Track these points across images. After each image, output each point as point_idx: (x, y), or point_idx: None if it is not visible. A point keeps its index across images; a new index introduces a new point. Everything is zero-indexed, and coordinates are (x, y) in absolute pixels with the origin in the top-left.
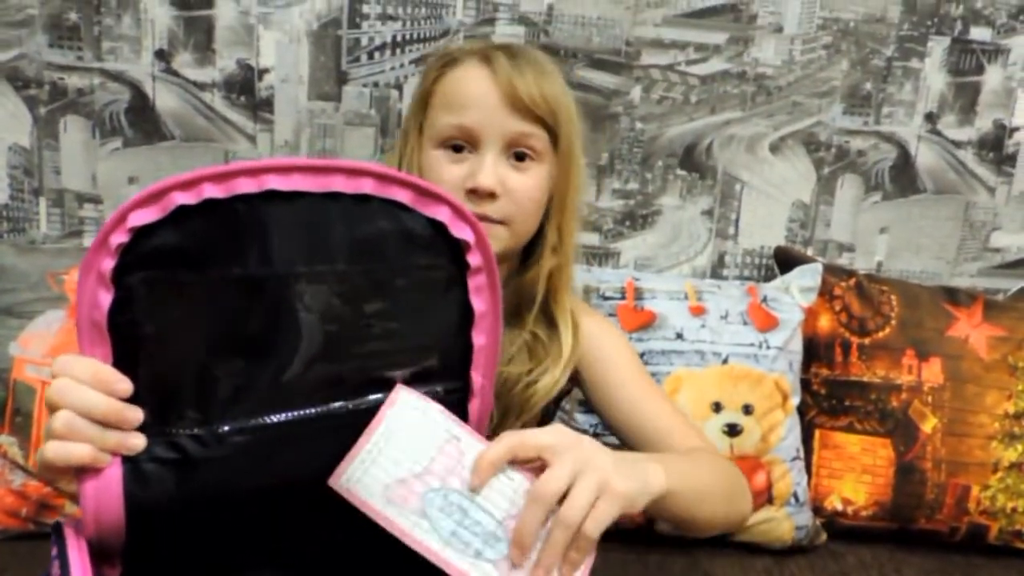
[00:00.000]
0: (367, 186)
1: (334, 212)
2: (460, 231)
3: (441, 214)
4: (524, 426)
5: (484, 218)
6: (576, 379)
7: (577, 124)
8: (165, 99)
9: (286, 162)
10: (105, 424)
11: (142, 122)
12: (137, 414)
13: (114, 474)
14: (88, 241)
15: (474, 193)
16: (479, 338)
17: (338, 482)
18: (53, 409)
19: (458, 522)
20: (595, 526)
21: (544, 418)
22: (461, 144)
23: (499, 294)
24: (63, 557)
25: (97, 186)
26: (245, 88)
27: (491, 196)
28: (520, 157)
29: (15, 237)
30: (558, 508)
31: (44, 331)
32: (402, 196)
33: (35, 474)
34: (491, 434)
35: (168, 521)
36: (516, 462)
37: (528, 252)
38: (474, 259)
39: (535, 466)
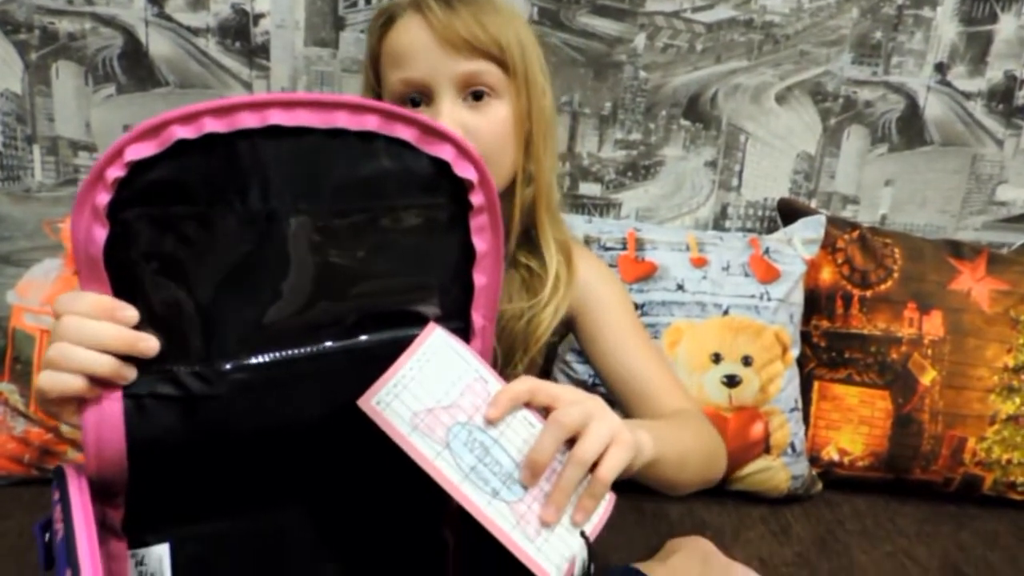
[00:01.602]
0: (371, 123)
1: (337, 149)
2: (464, 170)
3: (445, 153)
4: (529, 366)
5: None
6: (572, 325)
7: (533, 49)
8: (158, 45)
9: (290, 96)
10: (118, 356)
11: (135, 68)
12: (152, 342)
13: (115, 408)
14: None
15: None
16: (480, 278)
17: (368, 403)
18: None
19: (479, 458)
20: (607, 470)
21: (546, 365)
22: (417, 98)
23: (501, 234)
24: (64, 497)
25: (91, 134)
26: (240, 34)
27: None
28: (477, 96)
29: (10, 185)
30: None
31: (41, 279)
32: (406, 134)
33: (36, 420)
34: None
35: (170, 458)
36: (531, 407)
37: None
38: (477, 198)
39: None
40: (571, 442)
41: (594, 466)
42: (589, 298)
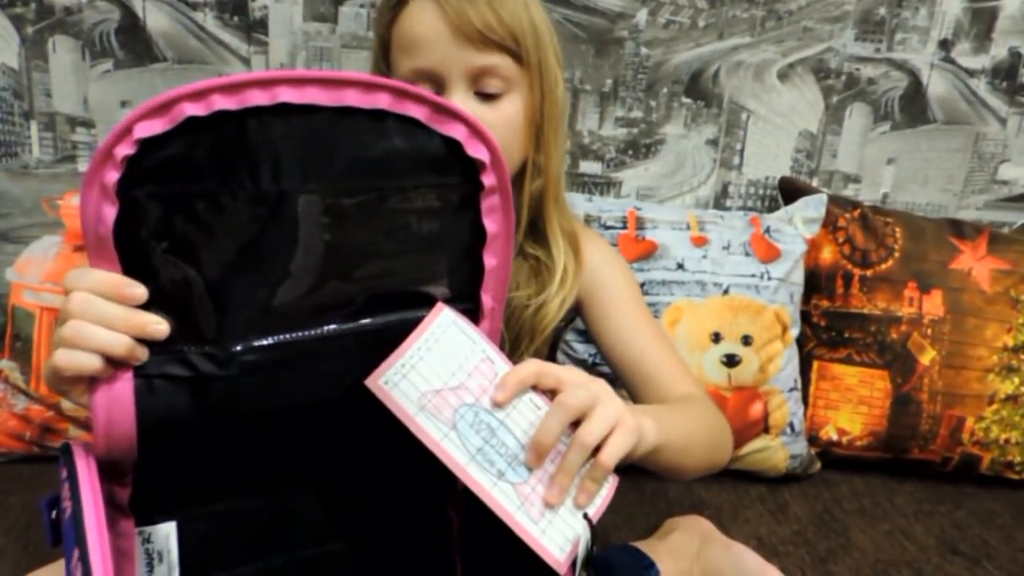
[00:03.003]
0: (382, 101)
1: (347, 127)
2: (475, 150)
3: (457, 132)
4: (536, 354)
5: None
6: (579, 309)
7: (548, 37)
8: (156, 19)
9: (299, 73)
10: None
11: (133, 43)
12: (162, 326)
13: (126, 388)
14: (82, 166)
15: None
16: (490, 259)
17: (376, 382)
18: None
19: (485, 439)
20: (610, 454)
21: (551, 349)
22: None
23: (512, 216)
24: (72, 475)
25: (89, 109)
26: (238, 8)
27: None
28: (489, 95)
29: (7, 162)
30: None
31: (40, 256)
32: (417, 113)
33: (37, 397)
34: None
35: (179, 438)
36: (537, 390)
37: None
38: (488, 179)
39: None
40: (576, 425)
41: (597, 449)
42: (596, 283)
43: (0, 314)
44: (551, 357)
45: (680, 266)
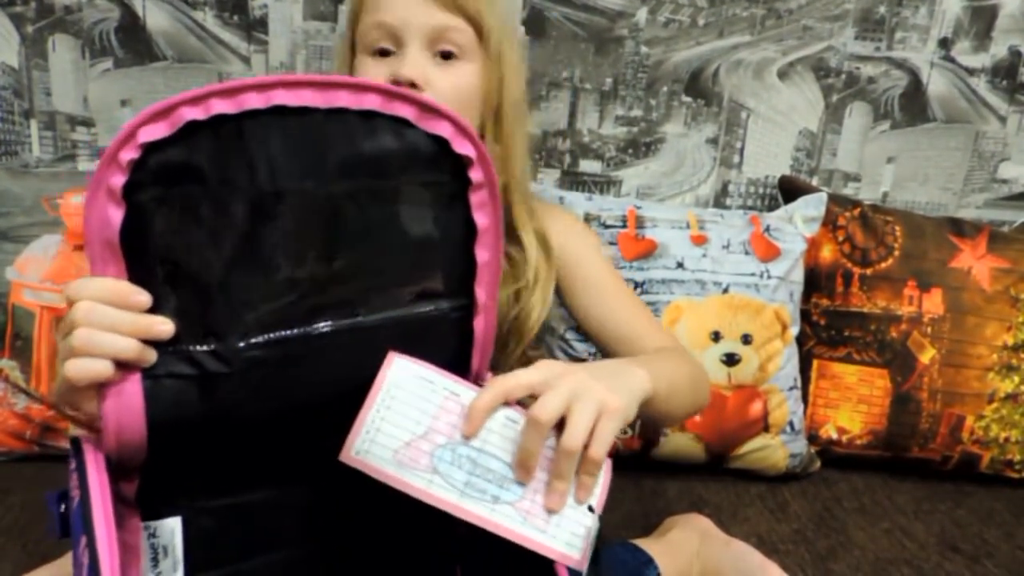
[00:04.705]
0: (372, 102)
1: (339, 128)
2: (462, 147)
3: (443, 130)
4: (525, 351)
5: None
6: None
7: (511, 25)
8: (156, 18)
9: (294, 77)
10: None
11: (133, 42)
12: (167, 326)
13: (134, 391)
14: (82, 165)
15: (395, 85)
16: (482, 254)
17: (349, 455)
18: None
19: (470, 472)
20: (599, 446)
21: (538, 339)
22: (388, 49)
23: (500, 210)
24: (81, 466)
25: (89, 108)
26: (238, 7)
27: (412, 87)
28: (446, 56)
29: (8, 160)
30: (559, 437)
31: (40, 255)
32: (406, 112)
33: (37, 396)
34: (494, 362)
35: (186, 435)
36: (512, 404)
37: None
38: (476, 175)
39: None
40: (560, 424)
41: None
42: (565, 257)
43: (0, 313)
44: (540, 344)
45: (680, 265)
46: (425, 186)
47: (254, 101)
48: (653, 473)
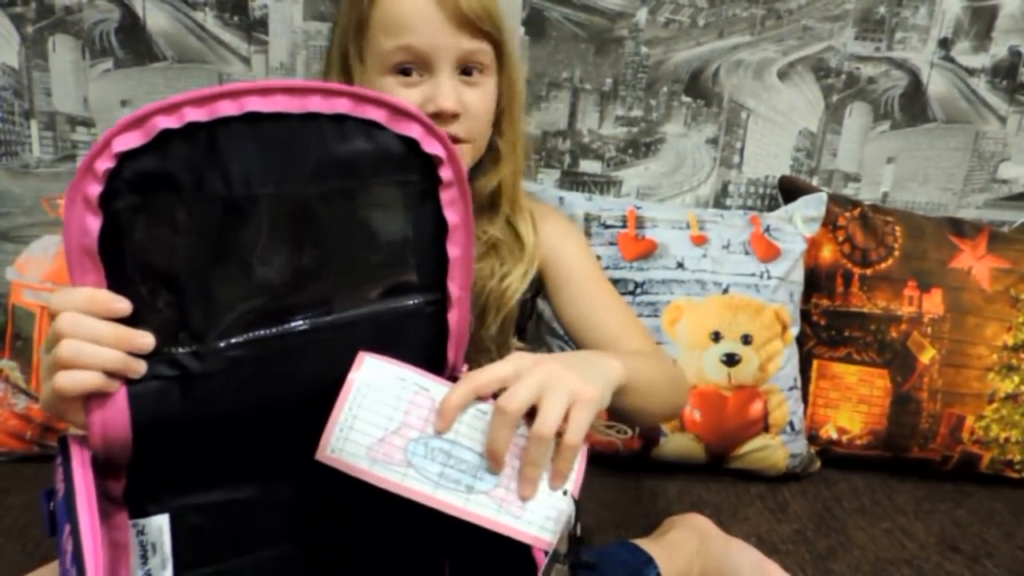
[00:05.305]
0: (343, 106)
1: (312, 132)
2: (431, 147)
3: (413, 131)
4: (503, 325)
5: (452, 139)
6: (540, 282)
7: (513, 27)
8: (156, 18)
9: (266, 84)
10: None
11: (133, 43)
12: (147, 339)
13: (119, 396)
14: None
15: (437, 116)
16: (454, 249)
17: (324, 454)
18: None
19: (443, 464)
20: (574, 433)
21: (521, 331)
22: (410, 67)
23: (470, 206)
24: (66, 462)
25: (89, 109)
26: (238, 7)
27: (453, 117)
28: (468, 72)
29: (8, 161)
30: (531, 426)
31: (40, 256)
32: (376, 115)
33: (37, 397)
34: (472, 336)
35: (171, 434)
36: (484, 398)
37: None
38: (445, 173)
39: None
40: (531, 414)
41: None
42: (553, 255)
43: (0, 313)
44: (522, 330)
45: (680, 265)
46: (396, 185)
47: (227, 108)
48: (653, 473)
